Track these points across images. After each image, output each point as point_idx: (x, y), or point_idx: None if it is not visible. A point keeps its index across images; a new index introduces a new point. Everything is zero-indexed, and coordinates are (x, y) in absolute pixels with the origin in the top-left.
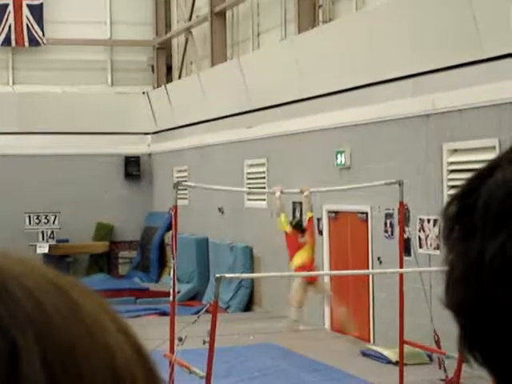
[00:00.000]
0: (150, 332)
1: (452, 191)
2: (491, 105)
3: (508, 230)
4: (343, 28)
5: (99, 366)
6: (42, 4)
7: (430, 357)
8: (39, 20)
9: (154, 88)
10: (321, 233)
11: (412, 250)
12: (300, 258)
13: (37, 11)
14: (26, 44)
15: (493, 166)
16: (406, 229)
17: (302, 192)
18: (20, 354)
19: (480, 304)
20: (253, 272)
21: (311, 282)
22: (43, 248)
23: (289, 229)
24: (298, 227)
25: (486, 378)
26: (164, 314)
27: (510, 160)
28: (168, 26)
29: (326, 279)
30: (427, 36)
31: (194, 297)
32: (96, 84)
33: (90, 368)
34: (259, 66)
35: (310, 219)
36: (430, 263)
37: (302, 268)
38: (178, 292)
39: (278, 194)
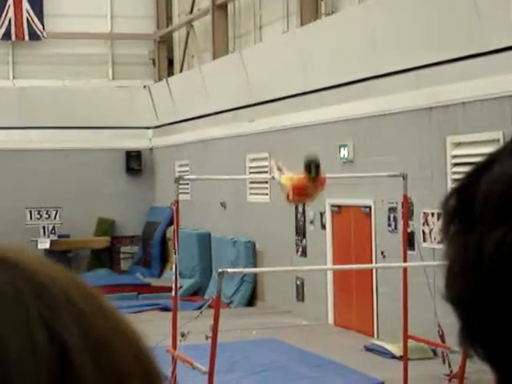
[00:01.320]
0: (152, 327)
1: (455, 184)
2: (495, 97)
3: (507, 224)
4: (346, 20)
5: (128, 356)
6: None
7: (434, 351)
8: (39, 14)
9: (155, 82)
10: (324, 227)
11: (416, 244)
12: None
13: (37, 5)
14: (26, 38)
15: (491, 160)
16: (410, 222)
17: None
18: (71, 353)
19: (480, 297)
20: (255, 267)
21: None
22: (44, 243)
23: (295, 180)
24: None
25: (490, 372)
26: (166, 309)
27: (509, 153)
28: (169, 19)
29: (329, 274)
30: (430, 29)
31: (197, 292)
32: (97, 78)
33: (121, 358)
34: (261, 60)
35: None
36: (433, 257)
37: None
38: (180, 287)
39: (275, 171)
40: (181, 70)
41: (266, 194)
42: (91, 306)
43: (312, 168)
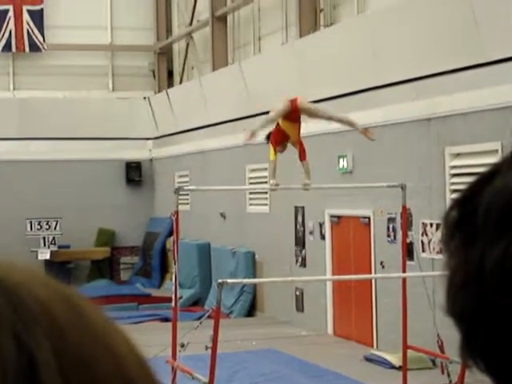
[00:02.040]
0: (152, 338)
1: (455, 195)
2: (494, 108)
3: (509, 237)
4: (344, 32)
5: (111, 376)
6: (42, 9)
7: (433, 362)
8: (40, 25)
9: (155, 93)
10: (323, 237)
11: (415, 255)
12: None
13: (37, 16)
14: (27, 49)
15: (493, 172)
16: (409, 233)
17: (304, 187)
18: (39, 367)
19: (481, 311)
20: (255, 277)
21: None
22: (45, 254)
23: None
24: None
25: (490, 382)
26: (166, 319)
27: (510, 166)
28: (169, 31)
29: (329, 284)
30: (429, 39)
31: (196, 302)
32: (97, 89)
33: (104, 379)
34: (260, 71)
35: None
36: (432, 267)
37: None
38: (180, 298)
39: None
40: (180, 82)
41: (266, 205)
42: (73, 320)
43: None
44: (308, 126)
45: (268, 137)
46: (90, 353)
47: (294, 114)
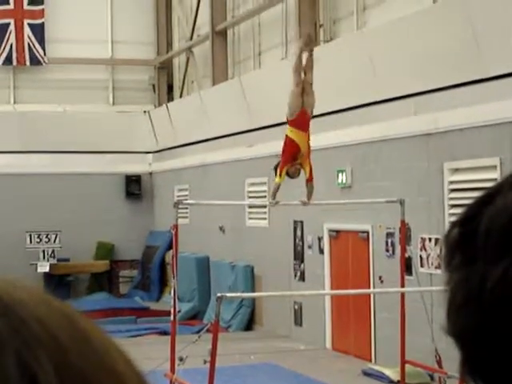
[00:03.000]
0: (151, 351)
1: (453, 210)
2: (492, 124)
3: (510, 257)
4: (344, 47)
5: None
6: (43, 23)
7: (431, 376)
8: (40, 39)
9: (155, 107)
10: (322, 251)
11: (413, 269)
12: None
13: (38, 30)
14: (28, 63)
15: (494, 192)
16: (408, 248)
17: (303, 204)
18: None
19: (482, 330)
20: (254, 291)
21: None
22: (44, 267)
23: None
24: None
25: None
26: (165, 333)
27: (511, 186)
28: (169, 45)
29: (327, 299)
30: (428, 55)
31: (195, 316)
32: (97, 103)
33: None
34: (260, 85)
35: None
36: (431, 282)
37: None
38: (179, 311)
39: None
40: (180, 96)
41: (265, 219)
42: (75, 339)
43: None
44: None
45: (276, 167)
46: (91, 371)
47: (302, 118)
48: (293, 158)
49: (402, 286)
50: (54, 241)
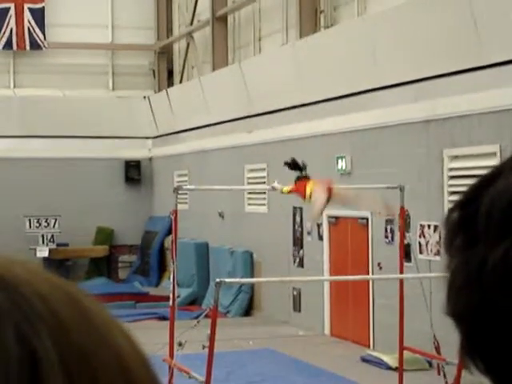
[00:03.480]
0: (150, 336)
1: (453, 197)
2: (492, 111)
3: (511, 238)
4: (344, 33)
5: (113, 370)
6: (43, 8)
7: (429, 363)
8: (41, 24)
9: (155, 92)
10: (321, 238)
11: (412, 256)
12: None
13: (38, 15)
14: (28, 48)
15: (495, 174)
16: (407, 234)
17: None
18: (41, 363)
19: (482, 312)
20: (253, 277)
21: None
22: (43, 252)
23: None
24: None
25: None
26: (163, 318)
27: None
28: (169, 31)
29: (326, 285)
30: (429, 42)
31: (194, 301)
32: (97, 88)
33: (106, 376)
34: (260, 71)
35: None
36: (430, 269)
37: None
38: (178, 296)
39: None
40: (180, 81)
41: (264, 205)
42: (75, 315)
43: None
44: (306, 127)
45: (289, 163)
46: (91, 348)
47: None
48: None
49: (401, 272)
50: (54, 225)
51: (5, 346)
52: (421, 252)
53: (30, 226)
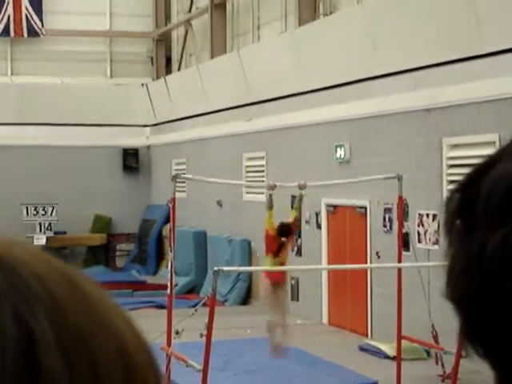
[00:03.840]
0: (147, 325)
1: (452, 186)
2: (492, 100)
3: (510, 223)
4: (344, 21)
5: (111, 353)
6: None
7: (427, 352)
8: (38, 11)
9: (153, 80)
10: (319, 227)
11: (411, 245)
12: (271, 262)
13: (36, 2)
14: (25, 35)
15: (494, 159)
16: (405, 223)
17: (299, 187)
18: (37, 342)
19: (482, 297)
20: (251, 265)
21: (278, 283)
22: (41, 240)
23: (271, 231)
24: (282, 235)
25: (484, 373)
26: (161, 306)
27: (511, 153)
28: (168, 18)
29: (324, 274)
30: (428, 30)
31: (192, 290)
32: (95, 75)
33: (103, 356)
34: (259, 59)
35: (296, 220)
36: (428, 258)
37: (269, 274)
38: (176, 285)
39: (269, 188)
40: (179, 69)
41: (262, 193)
42: (73, 296)
43: (282, 234)
44: (305, 115)
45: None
46: (89, 330)
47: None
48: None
49: (399, 261)
50: (51, 213)
51: (2, 327)
52: (419, 241)
53: (28, 214)
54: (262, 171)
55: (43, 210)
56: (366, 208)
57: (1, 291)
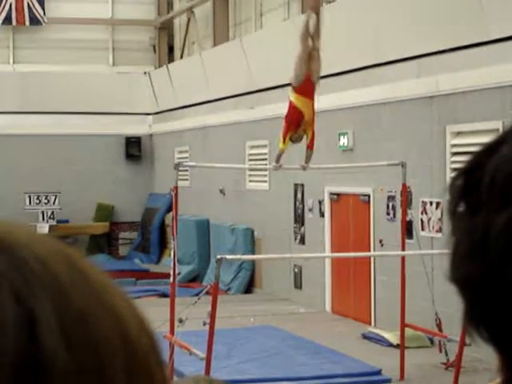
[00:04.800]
0: (150, 313)
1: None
2: (495, 87)
3: None
4: (347, 8)
5: (112, 333)
6: None
7: (431, 340)
8: None
9: (155, 68)
10: (323, 215)
11: (414, 233)
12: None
13: None
14: (27, 23)
15: (499, 142)
16: (409, 211)
17: (303, 168)
18: (38, 323)
19: (486, 279)
20: (254, 254)
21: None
22: (43, 228)
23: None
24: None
25: (487, 361)
26: (164, 295)
27: None
28: (170, 6)
29: (327, 262)
30: (432, 17)
31: (195, 278)
32: (97, 63)
33: (105, 337)
34: (262, 47)
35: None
36: (432, 246)
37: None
38: (179, 273)
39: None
40: (181, 57)
41: (265, 182)
42: (74, 278)
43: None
44: None
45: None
46: (90, 311)
47: (307, 86)
48: (297, 125)
49: (403, 249)
50: (54, 202)
51: (2, 307)
52: (422, 229)
53: (30, 203)
54: (265, 159)
55: (46, 198)
56: (369, 196)
57: (2, 273)
